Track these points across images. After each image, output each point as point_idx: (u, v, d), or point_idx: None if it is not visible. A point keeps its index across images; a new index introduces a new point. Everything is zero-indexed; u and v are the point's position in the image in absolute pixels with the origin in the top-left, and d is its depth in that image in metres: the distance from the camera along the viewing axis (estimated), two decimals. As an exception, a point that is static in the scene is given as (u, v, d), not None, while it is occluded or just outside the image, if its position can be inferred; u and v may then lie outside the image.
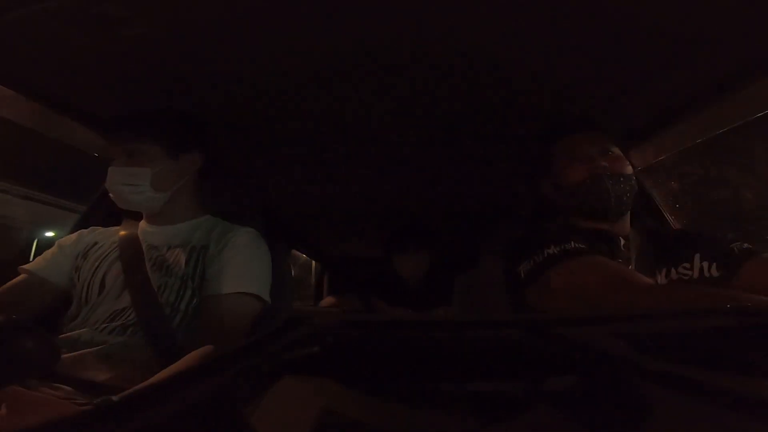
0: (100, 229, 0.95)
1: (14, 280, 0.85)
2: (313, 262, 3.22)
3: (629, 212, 0.86)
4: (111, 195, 0.86)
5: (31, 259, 0.90)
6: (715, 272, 0.75)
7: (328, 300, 1.95)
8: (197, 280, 0.80)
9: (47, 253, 0.89)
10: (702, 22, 0.69)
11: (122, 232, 0.89)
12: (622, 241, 0.83)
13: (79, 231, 0.94)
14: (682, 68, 0.83)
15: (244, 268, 0.81)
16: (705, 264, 0.76)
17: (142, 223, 0.91)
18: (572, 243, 0.73)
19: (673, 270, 0.78)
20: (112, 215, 1.00)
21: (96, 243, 0.89)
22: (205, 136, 0.96)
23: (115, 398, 0.12)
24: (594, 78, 0.87)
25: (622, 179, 0.82)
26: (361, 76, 0.87)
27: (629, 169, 0.85)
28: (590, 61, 0.81)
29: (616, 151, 0.86)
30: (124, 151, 0.85)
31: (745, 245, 0.78)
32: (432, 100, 0.97)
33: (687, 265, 0.78)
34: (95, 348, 0.72)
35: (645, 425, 0.15)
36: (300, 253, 2.94)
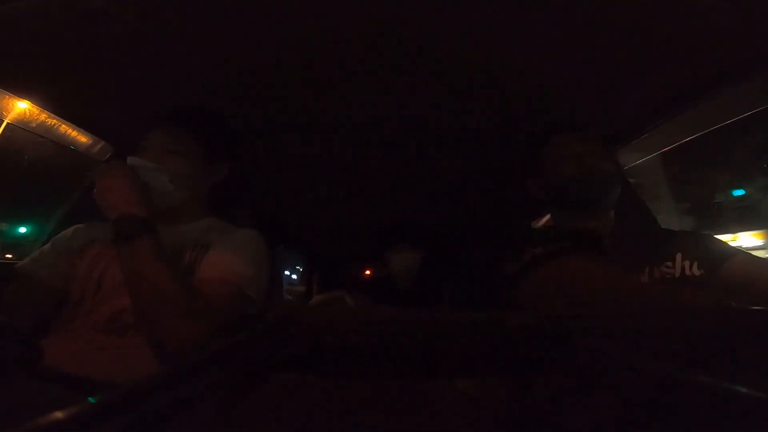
0: (97, 224, 0.90)
1: (13, 285, 0.81)
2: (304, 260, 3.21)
3: (613, 211, 0.88)
4: None
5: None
6: (696, 271, 0.77)
7: (318, 298, 1.94)
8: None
9: (43, 252, 0.86)
10: (688, 24, 0.71)
11: None
12: (606, 241, 0.84)
13: (74, 227, 0.91)
14: (666, 69, 0.85)
15: (236, 261, 0.79)
16: (687, 263, 0.78)
17: None
18: (558, 243, 0.74)
19: (655, 269, 0.79)
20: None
21: (93, 240, 0.86)
22: (237, 147, 0.95)
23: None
24: (582, 80, 0.89)
25: (610, 177, 0.85)
26: (353, 75, 0.87)
27: (615, 168, 0.89)
28: (579, 64, 0.83)
29: (604, 150, 0.89)
30: (163, 146, 0.82)
31: (727, 244, 0.80)
32: (424, 100, 0.97)
33: (669, 263, 0.79)
34: (94, 348, 0.71)
35: (633, 423, 0.15)
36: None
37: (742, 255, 0.78)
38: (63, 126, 1.02)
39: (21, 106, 0.92)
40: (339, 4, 0.67)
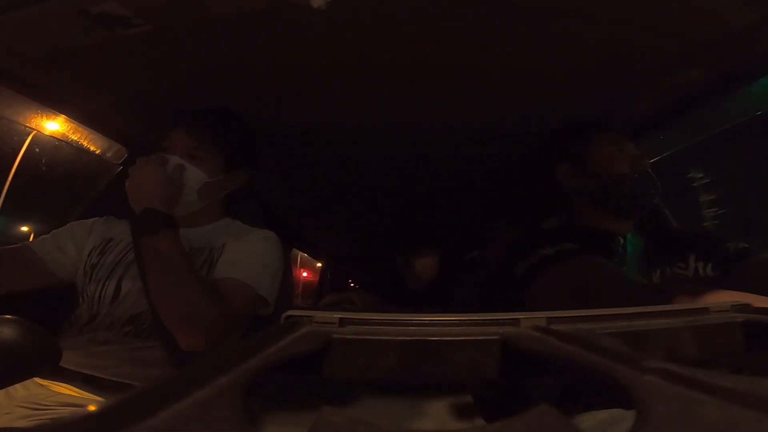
0: (115, 220, 0.91)
1: (10, 248, 0.81)
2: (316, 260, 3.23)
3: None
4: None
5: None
6: (710, 272, 0.76)
7: (329, 298, 1.95)
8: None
9: (57, 233, 0.86)
10: (699, 24, 0.70)
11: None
12: (621, 241, 0.83)
13: (94, 219, 0.91)
14: (680, 69, 0.83)
15: (251, 262, 0.80)
16: (700, 264, 0.77)
17: None
18: (567, 244, 0.73)
19: (668, 270, 0.78)
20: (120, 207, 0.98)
21: (112, 239, 0.86)
22: (255, 154, 0.95)
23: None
24: (598, 80, 0.88)
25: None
26: (366, 78, 0.88)
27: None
28: (593, 65, 0.82)
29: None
30: (184, 151, 0.82)
31: (741, 245, 0.78)
32: (438, 102, 0.98)
33: (682, 264, 0.78)
34: (111, 348, 0.73)
35: (641, 423, 0.15)
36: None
37: (757, 257, 0.76)
38: (81, 130, 1.05)
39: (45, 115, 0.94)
40: (352, 11, 0.68)
